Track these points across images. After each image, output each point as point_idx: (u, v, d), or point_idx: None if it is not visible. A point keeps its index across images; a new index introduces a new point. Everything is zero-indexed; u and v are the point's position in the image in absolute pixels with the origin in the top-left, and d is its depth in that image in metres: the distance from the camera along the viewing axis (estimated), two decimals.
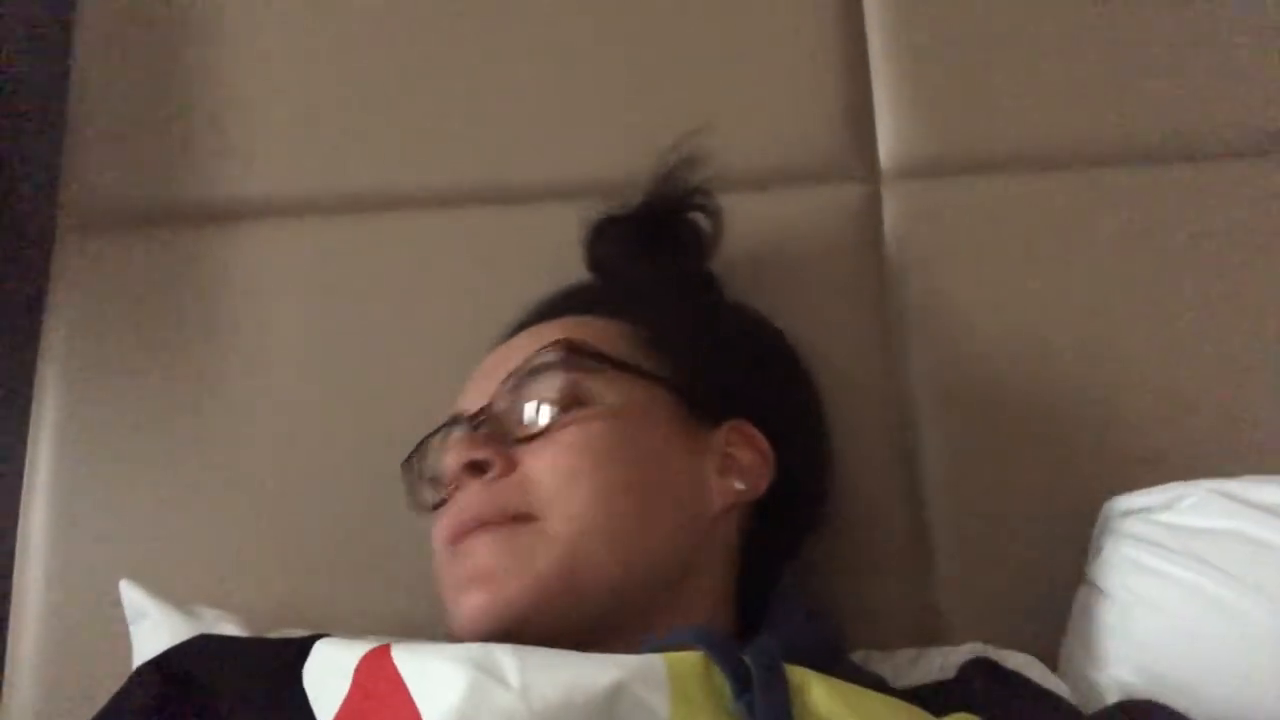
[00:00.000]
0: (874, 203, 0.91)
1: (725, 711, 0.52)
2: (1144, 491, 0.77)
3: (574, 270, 0.83)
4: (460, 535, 0.65)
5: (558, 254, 0.88)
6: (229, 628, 0.78)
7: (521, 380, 0.68)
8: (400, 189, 0.92)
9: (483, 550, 0.64)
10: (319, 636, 0.63)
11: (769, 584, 0.71)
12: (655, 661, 0.52)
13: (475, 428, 0.68)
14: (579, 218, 0.82)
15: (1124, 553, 0.76)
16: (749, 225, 0.89)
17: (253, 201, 0.92)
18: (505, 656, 0.52)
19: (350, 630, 0.78)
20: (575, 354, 0.68)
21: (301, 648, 0.63)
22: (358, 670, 0.57)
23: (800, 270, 0.87)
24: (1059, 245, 0.88)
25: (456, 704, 0.50)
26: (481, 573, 0.63)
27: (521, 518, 0.64)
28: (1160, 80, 0.91)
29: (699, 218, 0.82)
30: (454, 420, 0.72)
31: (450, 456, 0.66)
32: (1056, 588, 0.80)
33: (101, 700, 0.64)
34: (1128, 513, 0.78)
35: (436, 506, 0.70)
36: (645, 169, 0.80)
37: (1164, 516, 0.75)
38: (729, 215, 0.88)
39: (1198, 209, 0.89)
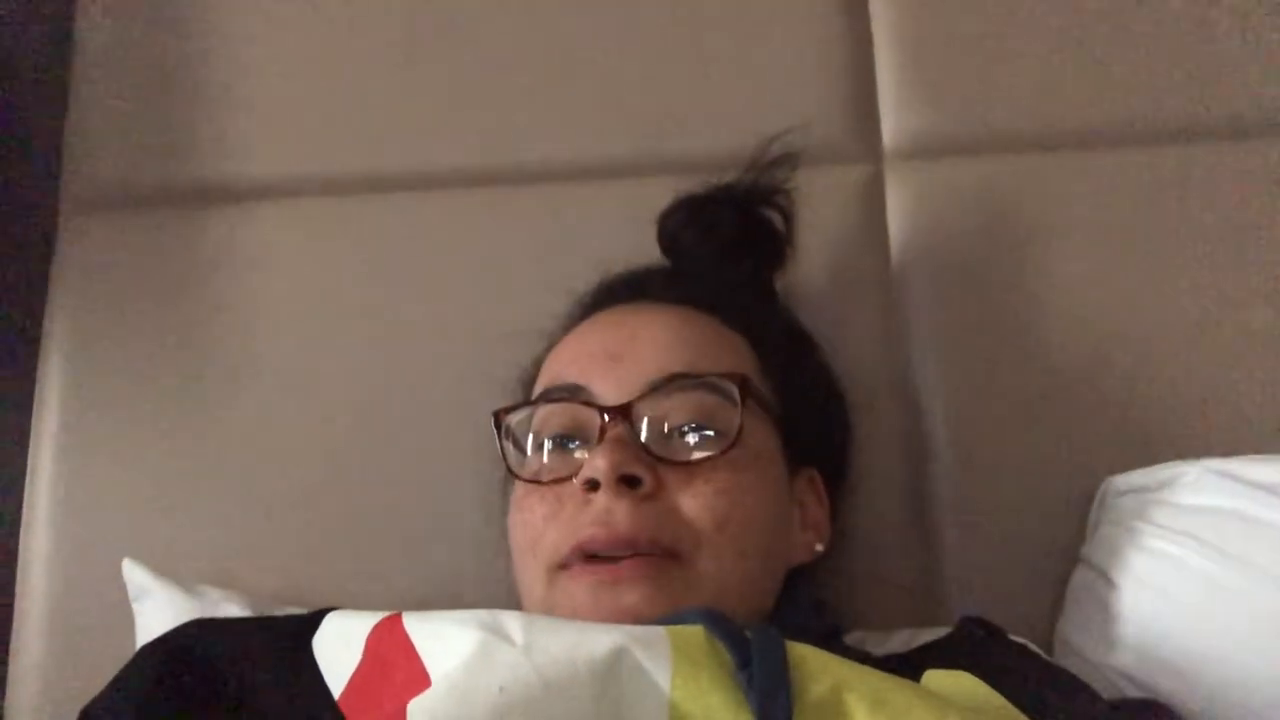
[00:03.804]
0: (877, 184, 0.91)
1: (729, 677, 0.52)
2: (1142, 471, 0.78)
3: (574, 252, 0.83)
4: (611, 545, 0.62)
5: (559, 235, 0.90)
6: (232, 608, 0.78)
7: (684, 393, 0.66)
8: (400, 169, 0.92)
9: (634, 593, 0.61)
10: (328, 610, 0.64)
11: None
12: (658, 631, 0.53)
13: (613, 419, 0.65)
14: (584, 198, 0.83)
15: (1121, 532, 0.76)
16: None
17: (254, 182, 0.92)
18: (512, 620, 0.53)
19: (353, 609, 0.78)
20: (747, 395, 0.66)
21: (311, 621, 0.63)
22: (369, 639, 0.58)
23: (804, 252, 0.86)
24: (1062, 225, 0.88)
25: (464, 662, 0.51)
26: (628, 611, 0.60)
27: (670, 554, 0.63)
28: (1164, 60, 0.91)
29: (775, 219, 0.81)
30: (572, 391, 0.68)
31: (603, 460, 0.62)
32: (1056, 569, 0.80)
33: (106, 677, 0.64)
34: (1125, 492, 0.78)
35: (547, 483, 0.67)
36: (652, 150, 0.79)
37: (1161, 495, 0.75)
38: None
39: (1204, 189, 0.88)
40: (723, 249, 0.79)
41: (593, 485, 0.63)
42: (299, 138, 0.93)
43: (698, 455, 0.65)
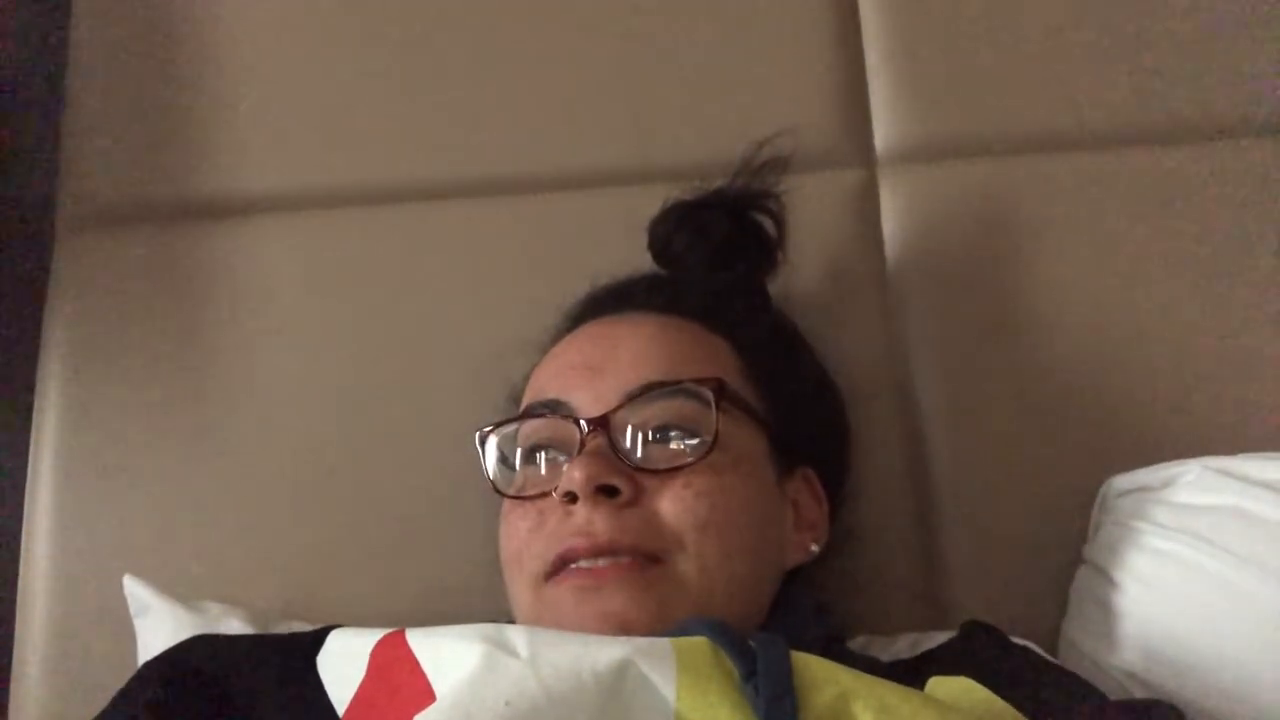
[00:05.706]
0: (870, 188, 0.91)
1: (734, 688, 0.52)
2: (1143, 470, 0.78)
3: (570, 261, 0.83)
4: (592, 554, 0.63)
5: (556, 245, 0.90)
6: (233, 622, 0.78)
7: (661, 400, 0.66)
8: (394, 182, 0.92)
9: (619, 597, 0.61)
10: (331, 628, 0.64)
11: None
12: (663, 643, 0.53)
13: (591, 431, 0.65)
14: (579, 207, 0.82)
15: (1123, 532, 0.76)
16: None
17: (251, 196, 0.92)
18: (516, 633, 0.53)
19: (354, 625, 0.78)
20: (724, 398, 0.66)
21: (315, 638, 0.64)
22: (373, 655, 0.58)
23: (800, 257, 0.86)
24: (1058, 226, 0.88)
25: (468, 676, 0.51)
26: (612, 615, 0.61)
27: (651, 557, 0.63)
28: (1158, 61, 0.91)
29: (766, 223, 0.81)
30: (552, 406, 0.68)
31: (579, 472, 0.63)
32: (1058, 570, 0.80)
33: (108, 695, 0.64)
34: (1126, 492, 0.78)
35: (529, 497, 0.67)
36: (642, 158, 0.79)
37: (1162, 495, 0.75)
38: None
39: (1197, 191, 0.88)
40: (714, 254, 0.79)
41: (571, 497, 0.64)
42: (293, 152, 0.93)
43: (676, 461, 0.65)
